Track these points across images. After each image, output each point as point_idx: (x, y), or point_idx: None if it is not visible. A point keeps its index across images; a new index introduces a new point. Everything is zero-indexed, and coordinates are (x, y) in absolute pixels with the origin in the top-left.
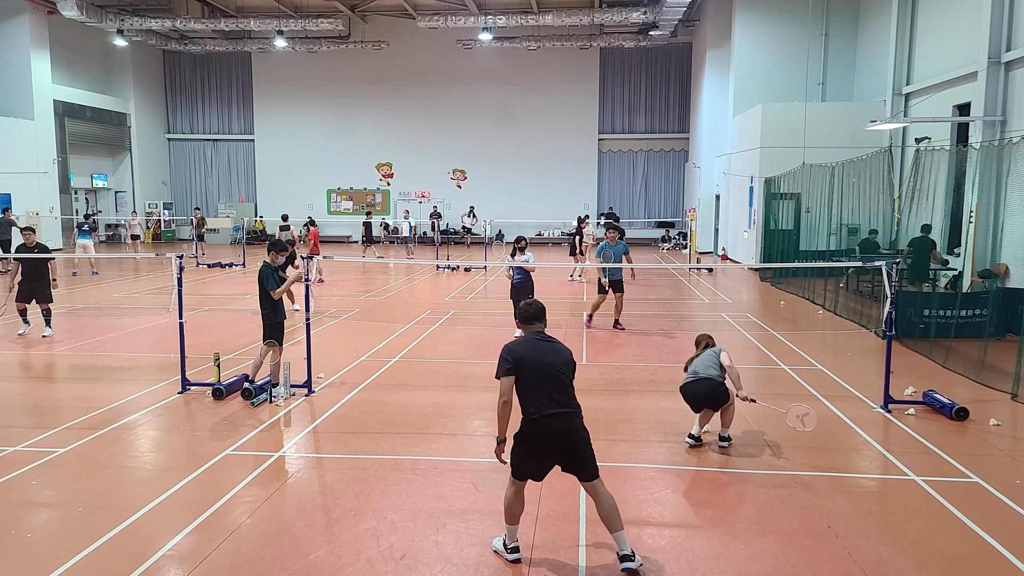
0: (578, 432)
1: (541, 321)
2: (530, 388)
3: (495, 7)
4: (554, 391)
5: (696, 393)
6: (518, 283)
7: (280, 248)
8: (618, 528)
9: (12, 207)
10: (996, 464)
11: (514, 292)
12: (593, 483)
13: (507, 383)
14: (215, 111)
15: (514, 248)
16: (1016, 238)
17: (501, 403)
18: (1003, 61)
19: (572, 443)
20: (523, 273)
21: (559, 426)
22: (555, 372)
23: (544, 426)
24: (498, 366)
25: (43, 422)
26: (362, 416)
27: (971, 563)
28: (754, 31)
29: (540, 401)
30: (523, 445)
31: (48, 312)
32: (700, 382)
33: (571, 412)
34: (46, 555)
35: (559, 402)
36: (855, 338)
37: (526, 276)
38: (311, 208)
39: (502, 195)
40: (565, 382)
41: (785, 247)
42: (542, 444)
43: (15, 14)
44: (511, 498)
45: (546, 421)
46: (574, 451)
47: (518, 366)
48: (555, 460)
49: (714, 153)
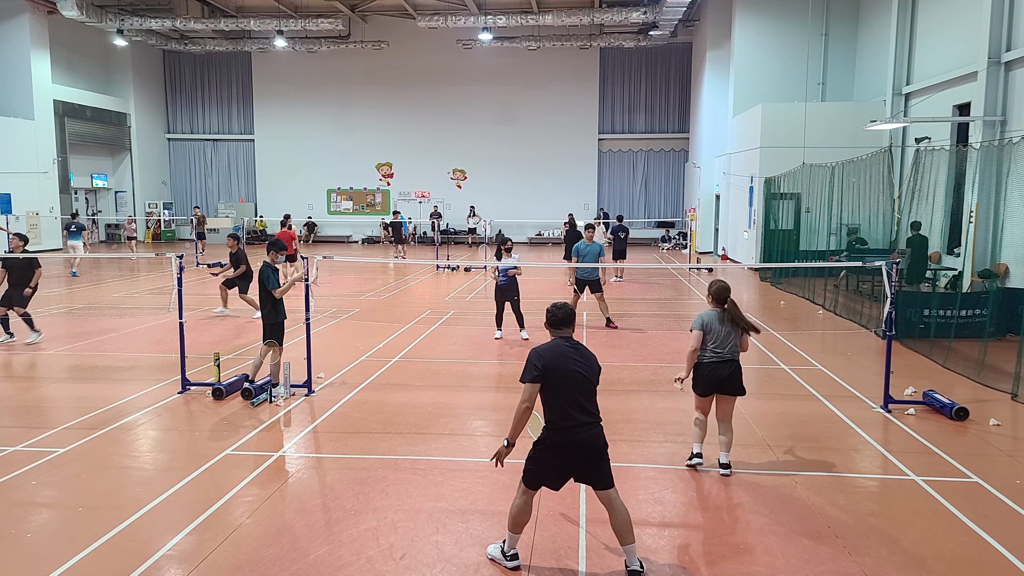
0: (601, 441)
1: (570, 326)
2: (562, 398)
3: (495, 7)
4: (585, 400)
5: (722, 377)
6: (503, 285)
7: (280, 248)
8: (629, 541)
9: (12, 207)
10: (996, 464)
11: (500, 294)
12: (608, 492)
13: (532, 390)
14: (215, 111)
15: (499, 249)
16: (1016, 238)
17: (523, 408)
18: (1003, 61)
19: (595, 453)
20: (507, 276)
21: (588, 437)
22: (586, 381)
23: (574, 436)
24: (525, 370)
25: (43, 422)
26: (362, 416)
27: (971, 563)
28: (754, 31)
29: (572, 411)
30: (546, 453)
31: (27, 317)
32: (727, 363)
33: (598, 422)
34: (46, 555)
35: (589, 412)
36: (855, 338)
37: (511, 278)
38: (311, 208)
39: (502, 195)
40: (593, 391)
41: (785, 247)
42: (567, 454)
43: (15, 14)
44: (520, 507)
45: (577, 431)
46: (596, 460)
47: (547, 374)
48: (574, 470)
49: (714, 153)
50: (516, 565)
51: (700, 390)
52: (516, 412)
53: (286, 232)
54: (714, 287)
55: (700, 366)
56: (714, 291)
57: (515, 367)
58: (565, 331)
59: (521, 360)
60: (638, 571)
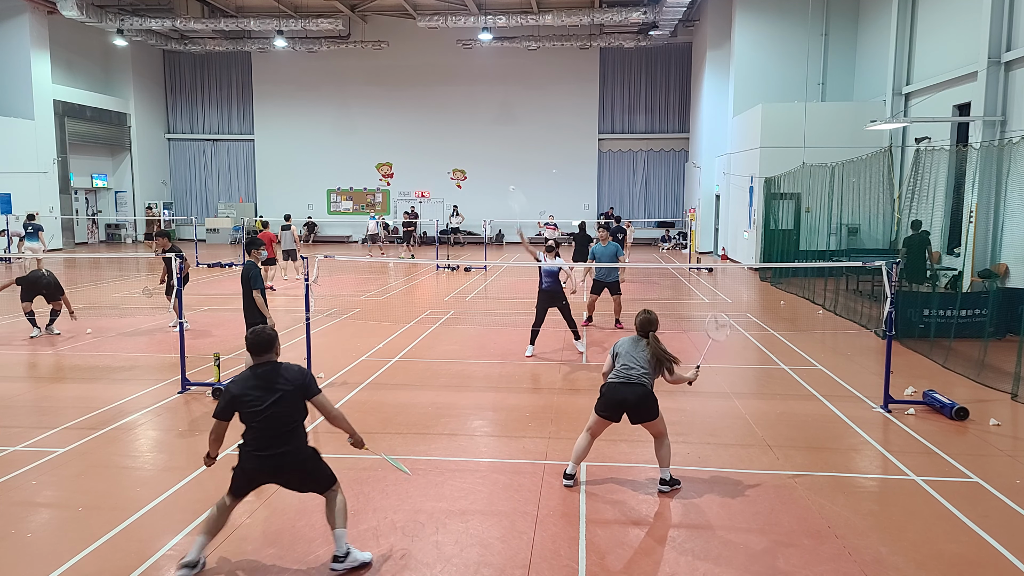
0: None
1: (651, 329)
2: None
3: (495, 7)
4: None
5: (625, 399)
6: (548, 288)
7: (258, 245)
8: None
9: (12, 207)
10: (996, 464)
11: (545, 299)
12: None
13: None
14: (215, 111)
15: (550, 248)
16: (1016, 238)
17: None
18: (1003, 61)
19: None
20: (553, 275)
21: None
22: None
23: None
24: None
25: (43, 422)
26: (362, 416)
27: (971, 563)
28: (754, 31)
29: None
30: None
31: (56, 313)
32: (630, 386)
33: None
34: (46, 555)
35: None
36: (855, 338)
37: (556, 279)
38: (311, 208)
39: (502, 195)
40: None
41: (785, 247)
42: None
43: (15, 14)
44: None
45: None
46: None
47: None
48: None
49: (714, 153)
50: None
51: (599, 409)
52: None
53: (267, 233)
54: (638, 318)
55: (604, 387)
56: (638, 322)
57: (515, 367)
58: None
59: (522, 360)
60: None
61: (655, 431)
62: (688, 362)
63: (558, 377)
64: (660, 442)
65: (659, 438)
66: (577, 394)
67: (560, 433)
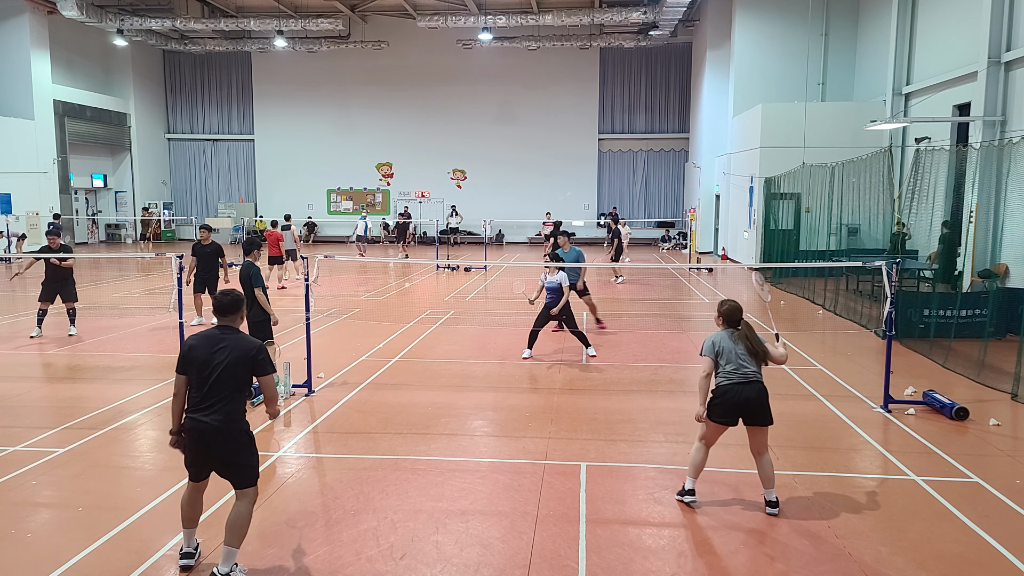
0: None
1: (741, 316)
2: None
3: (495, 7)
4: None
5: (748, 399)
6: (551, 302)
7: (258, 245)
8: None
9: (12, 207)
10: (996, 464)
11: (548, 312)
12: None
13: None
14: (215, 111)
15: (554, 246)
16: (1016, 238)
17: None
18: (1003, 61)
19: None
20: (556, 291)
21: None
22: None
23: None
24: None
25: (43, 422)
26: (362, 416)
27: (971, 563)
28: (754, 31)
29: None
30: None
31: (73, 311)
32: (750, 385)
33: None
34: (46, 555)
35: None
36: (855, 338)
37: (559, 291)
38: (311, 208)
39: (502, 195)
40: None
41: (785, 247)
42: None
43: (15, 14)
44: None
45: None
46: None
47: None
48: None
49: (714, 153)
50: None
51: (716, 416)
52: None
53: (273, 233)
54: (724, 307)
55: (718, 389)
56: (724, 312)
57: (515, 367)
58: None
59: (522, 360)
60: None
61: (762, 441)
62: (688, 362)
63: (558, 377)
64: (762, 458)
65: (762, 453)
66: (577, 394)
67: (560, 433)
